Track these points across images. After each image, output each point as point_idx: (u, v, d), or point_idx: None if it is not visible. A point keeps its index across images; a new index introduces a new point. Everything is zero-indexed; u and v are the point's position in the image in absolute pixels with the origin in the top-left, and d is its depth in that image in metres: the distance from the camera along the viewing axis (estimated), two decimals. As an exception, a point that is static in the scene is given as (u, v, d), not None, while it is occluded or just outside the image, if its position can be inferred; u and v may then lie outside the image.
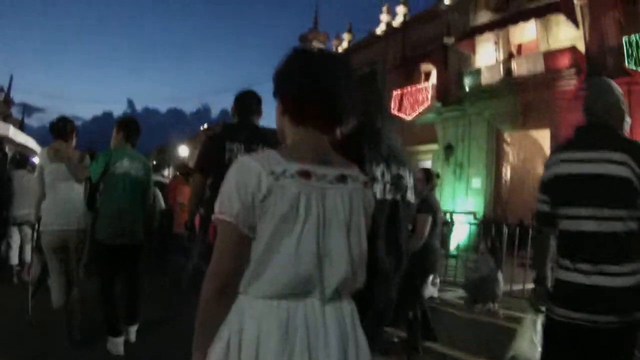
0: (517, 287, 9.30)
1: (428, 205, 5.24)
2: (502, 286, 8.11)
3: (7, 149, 8.74)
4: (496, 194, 20.87)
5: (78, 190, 4.96)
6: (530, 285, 8.76)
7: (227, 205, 1.57)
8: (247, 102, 4.27)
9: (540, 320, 3.06)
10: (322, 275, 1.59)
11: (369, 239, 1.83)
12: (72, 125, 5.18)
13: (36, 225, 5.19)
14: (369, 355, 1.73)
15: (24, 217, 6.46)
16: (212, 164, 3.94)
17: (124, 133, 5.01)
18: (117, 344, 4.63)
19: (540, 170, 20.67)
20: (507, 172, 21.37)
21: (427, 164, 23.89)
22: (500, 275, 8.08)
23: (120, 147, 4.99)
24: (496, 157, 21.09)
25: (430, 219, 5.13)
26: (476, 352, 5.57)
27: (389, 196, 2.96)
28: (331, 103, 1.68)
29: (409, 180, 3.05)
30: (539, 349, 2.98)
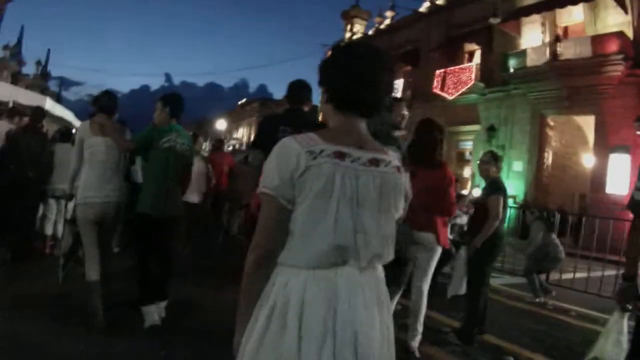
0: (567, 276, 9.12)
1: (497, 187, 5.47)
2: (562, 248, 7.96)
3: (44, 122, 8.72)
4: (537, 179, 20.89)
5: (117, 163, 4.89)
6: (592, 275, 9.02)
7: (269, 180, 1.74)
8: (299, 91, 4.69)
9: (627, 320, 2.93)
10: (357, 249, 1.73)
11: None
12: (115, 100, 5.16)
13: (72, 198, 5.16)
14: (392, 317, 1.93)
15: (64, 190, 6.23)
16: (267, 142, 4.23)
17: (169, 108, 4.98)
18: (152, 313, 4.68)
19: (582, 157, 20.63)
20: (549, 157, 21.32)
21: (468, 144, 23.92)
22: (555, 238, 8.00)
23: (166, 122, 4.98)
24: (539, 141, 21.02)
25: (501, 200, 5.35)
26: (530, 346, 5.45)
27: None
28: (371, 94, 1.85)
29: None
30: (625, 350, 2.91)
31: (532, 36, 21.52)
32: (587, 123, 19.91)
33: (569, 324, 6.69)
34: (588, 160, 20.28)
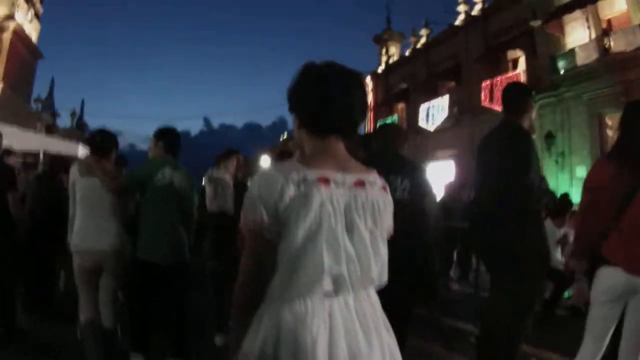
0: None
1: None
2: None
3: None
4: (603, 183, 19.96)
5: (113, 208, 4.43)
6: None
7: (251, 213, 1.71)
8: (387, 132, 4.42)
9: None
10: (350, 277, 1.69)
11: None
12: (110, 141, 4.65)
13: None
14: (395, 342, 1.86)
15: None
16: None
17: (163, 142, 4.67)
18: (137, 357, 4.50)
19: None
20: (612, 159, 20.33)
21: (525, 156, 23.19)
22: None
23: (160, 157, 4.66)
24: (600, 143, 20.10)
25: None
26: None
27: None
28: (347, 114, 1.82)
29: (400, 184, 3.73)
30: None
31: (577, 34, 20.85)
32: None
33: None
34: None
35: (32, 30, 42.24)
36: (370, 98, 36.24)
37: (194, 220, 4.83)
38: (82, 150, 16.07)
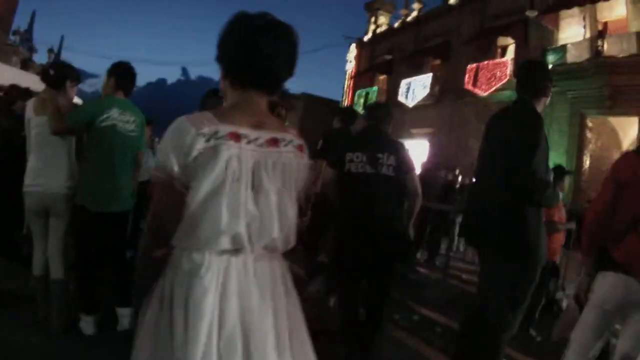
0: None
1: None
2: None
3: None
4: (576, 184, 20.14)
5: (67, 148, 4.23)
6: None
7: (163, 162, 1.73)
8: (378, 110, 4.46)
9: None
10: (251, 236, 1.71)
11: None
12: (63, 72, 4.34)
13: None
14: (300, 308, 1.90)
15: None
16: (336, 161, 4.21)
17: (115, 78, 4.29)
18: (89, 323, 4.16)
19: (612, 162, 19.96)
20: (587, 161, 20.57)
21: (501, 144, 23.23)
22: None
23: (110, 95, 4.29)
24: (578, 143, 20.29)
25: None
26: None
27: (360, 170, 3.96)
28: (268, 68, 1.79)
29: (387, 160, 3.97)
30: None
31: (571, 31, 20.84)
32: (622, 126, 19.30)
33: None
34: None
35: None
36: (352, 66, 36.03)
37: (140, 166, 4.51)
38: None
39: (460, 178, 13.79)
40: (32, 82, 10.45)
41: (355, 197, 4.02)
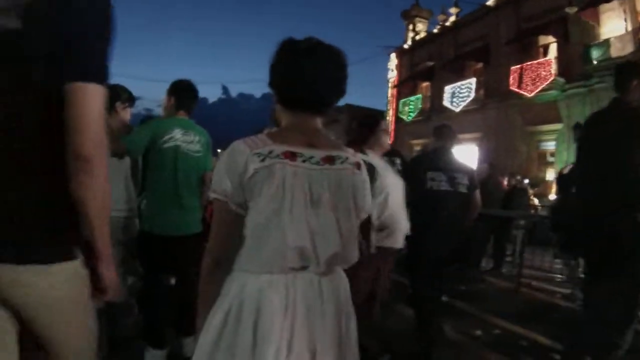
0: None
1: None
2: None
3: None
4: (630, 181, 19.80)
5: (123, 171, 4.11)
6: None
7: (218, 184, 1.77)
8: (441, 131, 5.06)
9: None
10: (316, 251, 1.73)
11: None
12: (115, 94, 4.08)
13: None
14: (355, 325, 1.91)
15: None
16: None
17: (175, 98, 4.15)
18: (156, 357, 4.02)
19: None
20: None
21: (550, 145, 23.06)
22: None
23: (171, 115, 4.13)
24: (629, 138, 19.90)
25: None
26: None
27: (442, 188, 4.64)
28: (312, 91, 1.83)
29: (462, 180, 4.72)
30: None
31: (613, 24, 20.47)
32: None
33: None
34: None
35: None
36: (394, 75, 36.13)
37: (208, 187, 4.23)
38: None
39: (524, 182, 13.63)
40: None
41: (437, 211, 4.61)
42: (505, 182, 12.02)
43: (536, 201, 15.11)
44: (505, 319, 6.37)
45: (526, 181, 14.68)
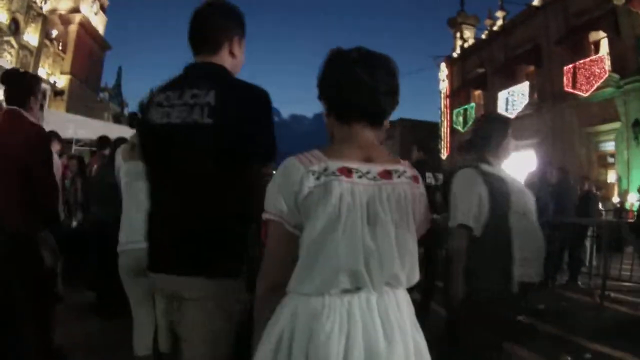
0: None
1: None
2: None
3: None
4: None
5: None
6: None
7: (272, 204, 1.72)
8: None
9: None
10: (371, 272, 1.64)
11: None
12: None
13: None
14: (427, 349, 1.78)
15: None
16: None
17: None
18: None
19: None
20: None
21: (609, 145, 22.07)
22: None
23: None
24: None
25: None
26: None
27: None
28: (370, 101, 1.79)
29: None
30: None
31: (665, 12, 19.54)
32: None
33: None
34: None
35: (99, 22, 44.06)
36: (446, 85, 35.66)
37: None
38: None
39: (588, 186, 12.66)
40: (123, 132, 11.14)
41: None
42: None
43: (599, 205, 14.40)
44: (593, 339, 5.83)
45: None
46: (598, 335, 5.96)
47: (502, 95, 27.87)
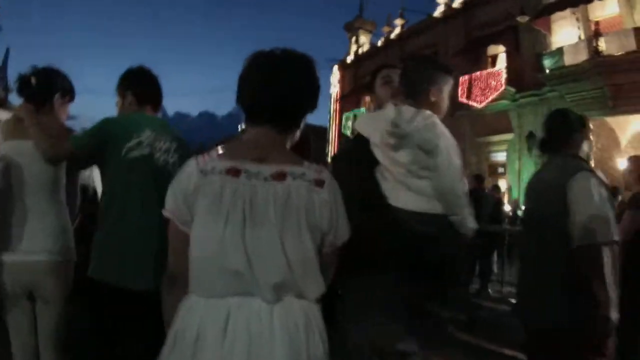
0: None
1: None
2: None
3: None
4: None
5: (55, 192, 2.90)
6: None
7: (168, 202, 1.76)
8: None
9: None
10: (254, 275, 1.60)
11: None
12: (55, 82, 3.06)
13: None
14: None
15: None
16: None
17: (133, 92, 3.01)
18: None
19: (617, 162, 19.78)
20: (591, 164, 20.24)
21: (501, 156, 23.09)
22: None
23: (132, 112, 2.96)
24: (583, 147, 20.03)
25: None
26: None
27: None
28: (281, 106, 1.77)
29: None
30: None
31: (565, 33, 20.73)
32: (619, 125, 19.22)
33: None
34: (623, 165, 19.43)
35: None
36: (337, 89, 35.83)
37: None
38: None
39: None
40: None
41: None
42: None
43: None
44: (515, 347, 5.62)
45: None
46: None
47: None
